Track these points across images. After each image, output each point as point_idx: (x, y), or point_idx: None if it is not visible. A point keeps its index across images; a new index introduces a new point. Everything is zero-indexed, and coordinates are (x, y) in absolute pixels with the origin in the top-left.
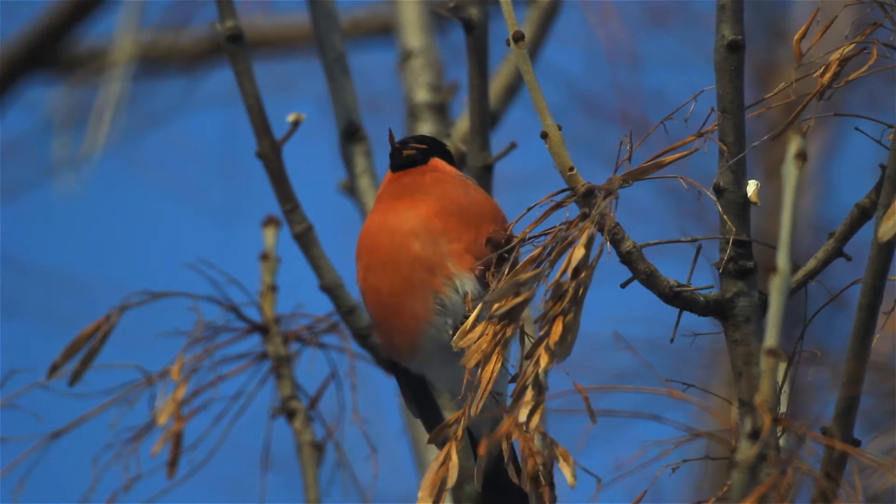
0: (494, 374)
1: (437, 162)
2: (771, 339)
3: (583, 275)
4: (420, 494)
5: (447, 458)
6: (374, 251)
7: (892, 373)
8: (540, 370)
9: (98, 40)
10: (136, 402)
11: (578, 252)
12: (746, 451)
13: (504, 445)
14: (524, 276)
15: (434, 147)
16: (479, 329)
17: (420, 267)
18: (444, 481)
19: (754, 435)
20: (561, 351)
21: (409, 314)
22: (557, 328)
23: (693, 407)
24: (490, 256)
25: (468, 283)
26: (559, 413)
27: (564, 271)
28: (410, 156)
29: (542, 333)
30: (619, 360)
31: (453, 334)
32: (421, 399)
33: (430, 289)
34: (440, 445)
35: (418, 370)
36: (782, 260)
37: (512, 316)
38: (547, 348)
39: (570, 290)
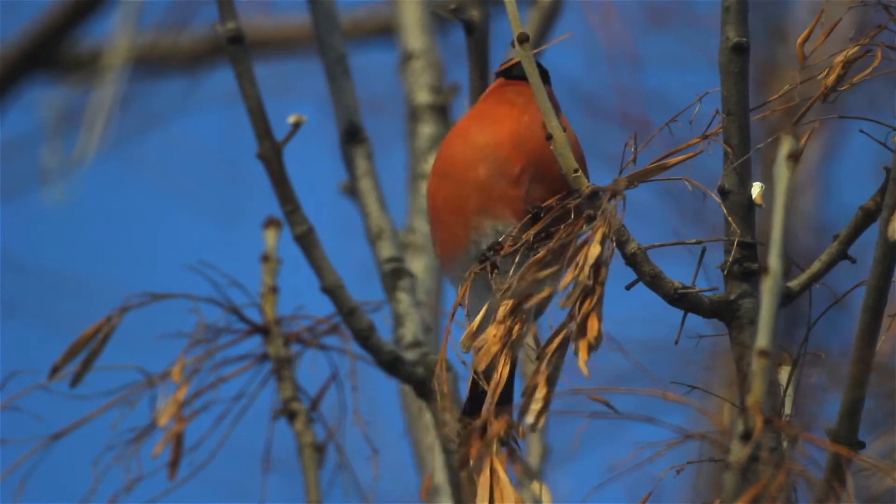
0: (503, 377)
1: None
2: (762, 340)
3: (602, 272)
4: None
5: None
6: (447, 158)
7: (893, 374)
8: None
9: (98, 41)
10: (137, 404)
11: (594, 249)
12: (738, 452)
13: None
14: (542, 273)
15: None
16: (490, 330)
17: (475, 194)
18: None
19: (746, 436)
20: (595, 345)
21: (450, 234)
22: (593, 324)
23: (692, 408)
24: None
25: (508, 230)
26: (558, 414)
27: (581, 269)
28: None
29: (562, 331)
30: (621, 361)
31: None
32: None
33: (475, 219)
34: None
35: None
36: (774, 260)
37: (527, 315)
38: (586, 343)
39: (599, 288)
